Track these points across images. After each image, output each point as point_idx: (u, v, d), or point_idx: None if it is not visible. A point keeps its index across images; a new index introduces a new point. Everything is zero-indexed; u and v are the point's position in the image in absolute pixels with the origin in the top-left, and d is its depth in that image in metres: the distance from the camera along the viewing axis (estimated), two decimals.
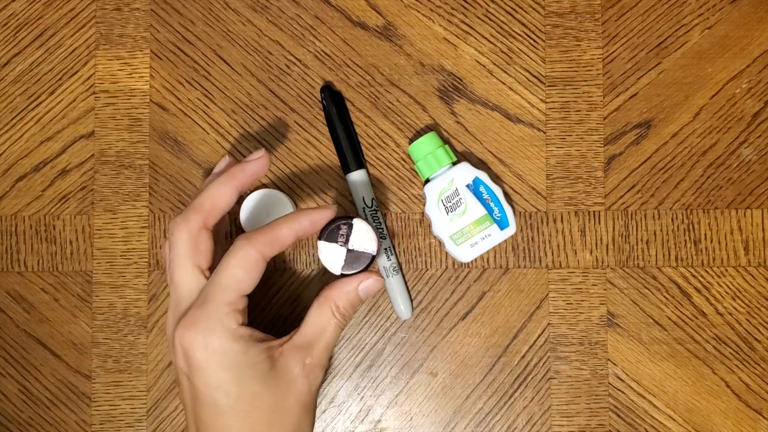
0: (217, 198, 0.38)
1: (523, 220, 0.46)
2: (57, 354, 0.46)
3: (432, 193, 0.43)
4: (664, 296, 0.45)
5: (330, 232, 0.38)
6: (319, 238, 0.38)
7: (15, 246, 0.46)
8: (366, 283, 0.38)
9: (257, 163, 0.39)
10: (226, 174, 0.38)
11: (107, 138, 0.46)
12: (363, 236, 0.38)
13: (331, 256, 0.38)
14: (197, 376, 0.35)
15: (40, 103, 0.47)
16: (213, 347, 0.34)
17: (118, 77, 0.47)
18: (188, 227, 0.37)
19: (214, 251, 0.38)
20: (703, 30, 0.46)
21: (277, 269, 0.46)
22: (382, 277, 0.41)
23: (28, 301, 0.46)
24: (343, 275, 0.38)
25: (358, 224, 0.38)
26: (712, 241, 0.46)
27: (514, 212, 0.45)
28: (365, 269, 0.38)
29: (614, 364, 0.45)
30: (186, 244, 0.37)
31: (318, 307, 0.38)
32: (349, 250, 0.38)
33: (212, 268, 0.38)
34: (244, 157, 0.46)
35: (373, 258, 0.38)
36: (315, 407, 0.38)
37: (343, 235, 0.38)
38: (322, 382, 0.38)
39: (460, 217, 0.43)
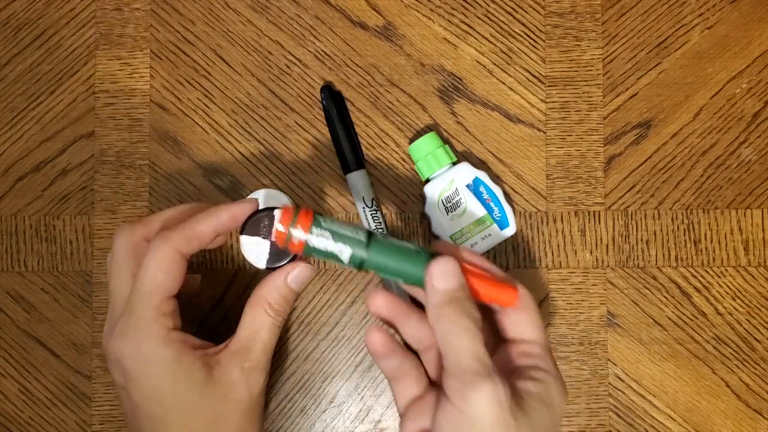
0: (172, 221, 0.36)
1: (523, 220, 0.46)
2: (57, 354, 0.46)
3: (432, 193, 0.43)
4: (664, 296, 0.45)
5: (251, 224, 0.35)
6: (240, 233, 0.35)
7: (15, 246, 0.46)
8: (294, 273, 0.36)
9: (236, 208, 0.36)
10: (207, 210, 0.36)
11: (107, 138, 0.46)
12: None
13: (255, 250, 0.35)
14: (132, 387, 0.33)
15: (40, 103, 0.47)
16: (144, 356, 0.33)
17: (118, 77, 0.47)
18: (130, 235, 0.36)
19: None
20: (703, 30, 0.46)
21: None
22: (311, 263, 0.37)
23: (28, 301, 0.46)
24: (269, 269, 0.36)
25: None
26: (712, 241, 0.46)
27: (514, 212, 0.45)
28: (293, 260, 0.36)
29: (614, 364, 0.45)
30: (124, 251, 0.36)
31: (250, 308, 0.36)
32: (273, 242, 0.35)
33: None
34: (243, 155, 0.46)
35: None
36: (261, 412, 0.36)
37: (265, 226, 0.35)
38: (267, 384, 0.37)
39: (460, 217, 0.43)
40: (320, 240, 0.33)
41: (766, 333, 0.45)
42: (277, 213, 0.33)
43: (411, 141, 0.46)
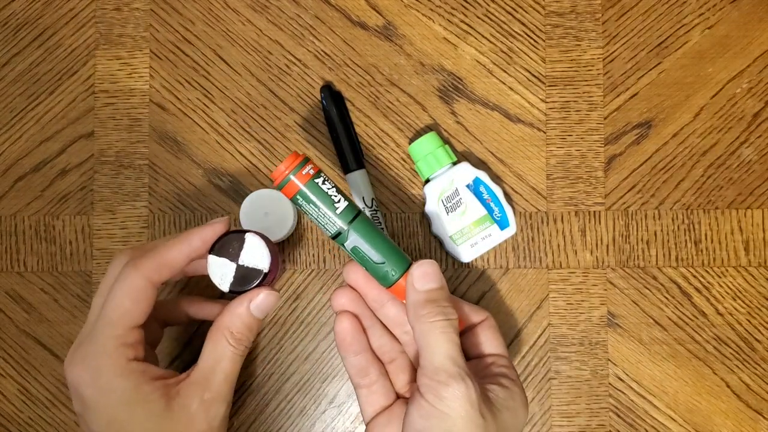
0: (167, 256, 0.35)
1: (523, 220, 0.46)
2: (57, 354, 0.46)
3: (432, 193, 0.43)
4: (665, 296, 0.45)
5: (220, 245, 0.35)
6: (209, 252, 0.35)
7: (15, 246, 0.46)
8: (257, 300, 0.35)
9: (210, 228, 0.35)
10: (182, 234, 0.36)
11: (107, 138, 0.46)
12: (255, 251, 0.34)
13: (220, 272, 0.34)
14: (89, 416, 0.33)
15: (40, 103, 0.47)
16: (100, 385, 0.32)
17: (117, 77, 0.47)
18: (128, 260, 0.35)
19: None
20: (703, 30, 0.46)
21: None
22: (276, 290, 0.36)
23: (28, 301, 0.46)
24: (232, 293, 0.35)
25: (251, 238, 0.34)
26: (712, 241, 0.46)
27: (514, 212, 0.45)
28: (258, 286, 0.35)
29: (614, 364, 0.45)
30: (113, 276, 0.35)
31: (211, 337, 0.35)
32: (239, 266, 0.34)
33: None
34: (243, 155, 0.46)
35: (265, 276, 0.34)
36: None
37: (233, 249, 0.34)
38: (229, 415, 0.36)
39: (460, 217, 0.43)
40: (326, 184, 0.35)
41: (767, 333, 0.45)
42: (250, 236, 0.34)
43: (411, 141, 0.46)
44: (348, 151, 0.45)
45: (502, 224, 0.43)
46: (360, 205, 0.45)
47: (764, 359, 0.45)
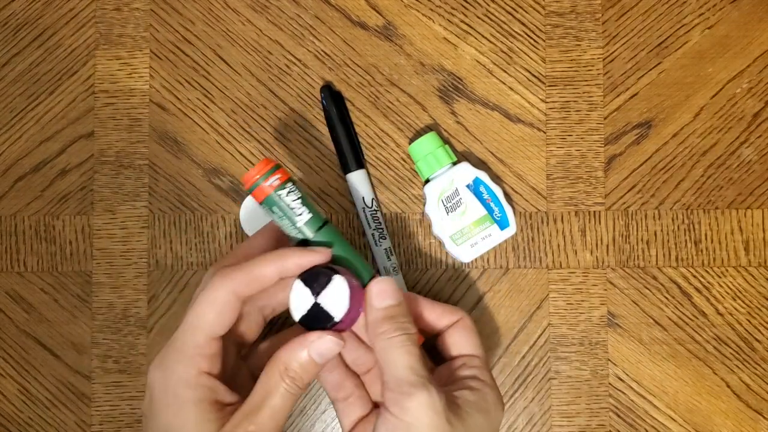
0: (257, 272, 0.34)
1: (523, 220, 0.46)
2: (57, 354, 0.46)
3: (432, 193, 0.43)
4: (665, 296, 0.45)
5: (308, 274, 0.34)
6: (298, 276, 0.34)
7: (15, 246, 0.46)
8: (317, 344, 0.33)
9: (314, 256, 0.34)
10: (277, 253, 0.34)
11: (107, 138, 0.46)
12: (336, 296, 0.33)
13: (299, 300, 0.33)
14: (150, 416, 0.33)
15: (40, 103, 0.47)
16: (168, 388, 0.32)
17: (117, 77, 0.47)
18: (219, 269, 0.34)
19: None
20: (703, 30, 0.46)
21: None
22: (342, 339, 0.34)
23: (28, 301, 0.46)
24: (300, 324, 0.34)
25: (338, 282, 0.33)
26: (712, 242, 0.46)
27: (514, 212, 0.45)
28: (328, 329, 0.34)
29: (614, 364, 0.45)
30: (205, 282, 0.34)
31: (266, 368, 0.33)
32: (316, 303, 0.33)
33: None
34: (243, 155, 0.46)
35: (335, 324, 0.33)
36: None
37: (318, 284, 0.33)
38: None
39: (460, 217, 0.43)
40: (290, 196, 0.35)
41: (767, 333, 0.45)
42: (338, 279, 0.33)
43: (411, 141, 0.46)
44: (348, 151, 0.45)
45: (502, 224, 0.43)
46: (360, 205, 0.45)
47: (764, 359, 0.45)
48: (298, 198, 0.35)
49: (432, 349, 0.39)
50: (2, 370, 0.46)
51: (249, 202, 0.43)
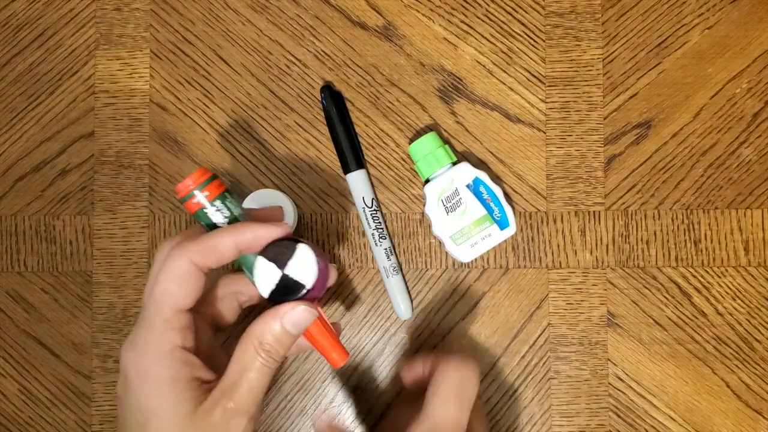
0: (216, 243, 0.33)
1: (523, 220, 0.46)
2: (57, 354, 0.46)
3: (432, 193, 0.43)
4: (664, 296, 0.45)
5: (272, 249, 0.33)
6: (259, 253, 0.33)
7: (15, 246, 0.46)
8: (291, 315, 0.32)
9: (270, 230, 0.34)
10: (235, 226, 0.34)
11: (107, 138, 0.46)
12: (303, 264, 0.33)
13: (265, 276, 0.33)
14: (125, 397, 0.32)
15: (40, 103, 0.47)
16: (142, 369, 0.31)
17: (117, 77, 0.47)
18: (174, 244, 0.34)
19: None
20: (703, 30, 0.46)
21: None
22: (315, 308, 0.33)
23: (28, 301, 0.46)
24: (270, 301, 0.33)
25: (302, 250, 0.33)
26: (712, 241, 0.46)
27: (514, 212, 0.45)
28: (299, 299, 0.33)
29: (614, 364, 0.45)
30: (159, 260, 0.34)
31: (240, 343, 0.33)
32: (284, 275, 0.33)
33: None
34: (242, 155, 0.46)
35: (308, 291, 0.33)
36: None
37: (283, 256, 0.33)
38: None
39: (460, 217, 0.43)
40: (216, 214, 0.33)
41: (766, 333, 0.45)
42: (302, 247, 0.32)
43: (411, 141, 0.46)
44: (348, 151, 0.45)
45: (502, 224, 0.43)
46: (360, 205, 0.45)
47: (764, 359, 0.45)
48: (227, 217, 0.34)
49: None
50: (2, 370, 0.46)
51: (249, 202, 0.43)
